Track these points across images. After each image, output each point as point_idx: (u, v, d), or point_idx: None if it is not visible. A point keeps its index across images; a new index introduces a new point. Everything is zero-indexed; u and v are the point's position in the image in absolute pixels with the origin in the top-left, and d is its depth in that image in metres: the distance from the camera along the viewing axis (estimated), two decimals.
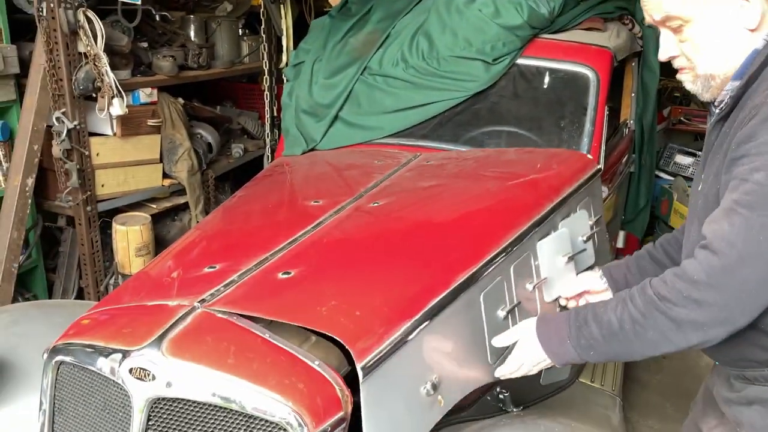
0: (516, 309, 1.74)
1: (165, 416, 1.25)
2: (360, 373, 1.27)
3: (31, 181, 2.57)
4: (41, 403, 1.41)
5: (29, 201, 2.60)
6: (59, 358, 1.37)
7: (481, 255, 1.68)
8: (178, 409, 1.24)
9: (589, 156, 2.42)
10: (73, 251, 2.94)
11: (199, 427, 1.24)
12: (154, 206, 3.20)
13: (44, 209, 2.88)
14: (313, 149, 2.77)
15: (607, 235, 2.40)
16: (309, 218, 1.86)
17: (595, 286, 1.76)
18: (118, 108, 2.64)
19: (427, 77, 2.68)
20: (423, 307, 1.46)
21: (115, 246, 2.93)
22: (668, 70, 1.58)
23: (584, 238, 2.04)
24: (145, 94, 2.98)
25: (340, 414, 1.25)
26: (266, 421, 1.21)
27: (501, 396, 1.92)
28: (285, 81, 3.04)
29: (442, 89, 2.67)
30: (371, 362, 1.30)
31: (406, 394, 1.37)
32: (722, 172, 1.24)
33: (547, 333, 1.44)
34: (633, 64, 3.30)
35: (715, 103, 1.33)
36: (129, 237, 2.90)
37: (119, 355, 1.27)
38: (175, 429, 1.25)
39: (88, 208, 2.76)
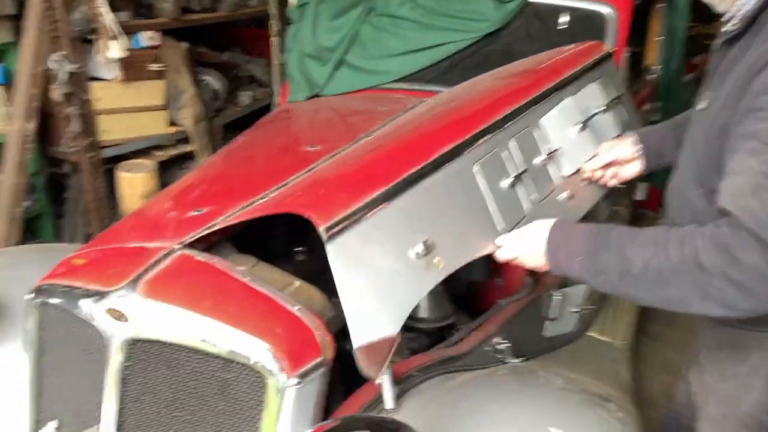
0: (525, 179, 1.68)
1: (142, 358, 1.23)
2: (323, 236, 1.23)
3: (31, 126, 2.54)
4: (25, 345, 1.41)
5: (30, 146, 2.58)
6: (41, 299, 1.36)
7: (468, 131, 1.63)
8: (154, 351, 1.22)
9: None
10: (79, 197, 2.94)
11: (177, 370, 1.22)
12: (160, 154, 3.17)
13: (49, 155, 2.87)
14: (317, 95, 2.68)
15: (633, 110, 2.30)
16: (303, 163, 1.80)
17: (624, 153, 1.64)
18: (115, 51, 2.58)
19: (436, 17, 2.55)
20: (398, 177, 1.41)
21: (120, 193, 2.93)
22: (699, 14, 1.46)
23: (600, 110, 1.94)
24: (147, 38, 2.90)
25: (319, 359, 1.22)
26: (242, 364, 1.18)
27: (500, 347, 1.87)
28: (290, 23, 2.93)
29: (452, 30, 2.55)
30: (336, 225, 1.25)
31: (390, 257, 1.31)
32: (730, 106, 1.13)
33: (559, 241, 1.32)
34: (659, 5, 3.11)
35: (724, 18, 1.20)
36: (134, 184, 2.88)
37: (97, 297, 1.24)
38: (152, 371, 1.23)
39: (91, 154, 2.74)
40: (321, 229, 1.22)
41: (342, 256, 1.23)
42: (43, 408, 1.38)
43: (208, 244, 1.41)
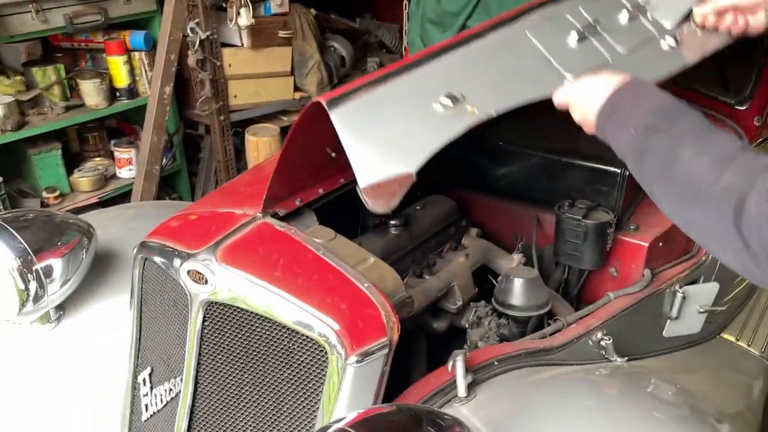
0: (602, 33, 1.48)
1: (218, 319, 1.28)
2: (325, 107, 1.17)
3: (168, 89, 2.75)
4: (131, 294, 1.53)
5: (167, 108, 2.79)
6: (143, 254, 1.46)
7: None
8: (228, 314, 1.26)
9: None
10: (211, 157, 3.15)
11: (248, 334, 1.25)
12: (286, 119, 3.29)
13: (186, 117, 3.09)
14: None
15: None
16: None
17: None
18: (245, 18, 2.68)
19: None
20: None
21: (247, 155, 3.09)
22: None
23: None
24: (276, 5, 2.99)
25: (383, 339, 1.19)
26: (305, 336, 1.19)
27: (603, 342, 1.72)
28: None
29: None
30: (341, 98, 1.19)
31: (410, 111, 1.24)
32: None
33: (620, 102, 1.12)
34: None
35: None
36: (259, 147, 3.02)
37: (183, 257, 1.31)
38: (226, 332, 1.27)
39: (221, 118, 2.90)
40: (324, 102, 1.16)
41: (348, 119, 1.17)
42: (141, 355, 1.50)
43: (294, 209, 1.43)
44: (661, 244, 1.94)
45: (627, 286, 1.92)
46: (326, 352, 1.17)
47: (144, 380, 1.47)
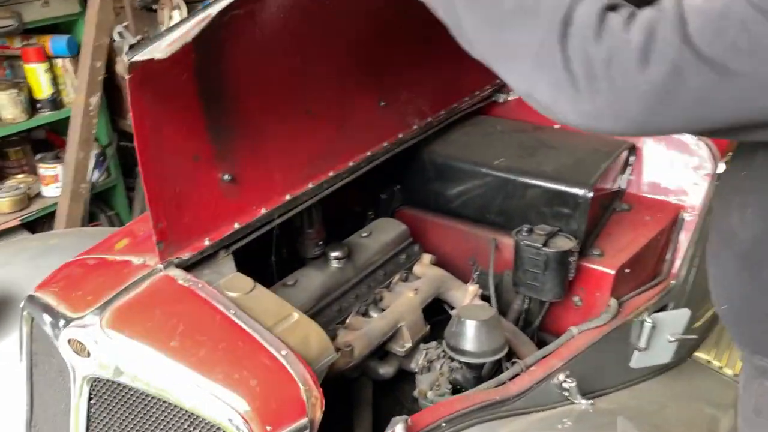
0: None
1: (106, 397, 1.07)
2: None
3: (95, 100, 2.50)
4: (20, 352, 1.31)
5: (95, 121, 2.54)
6: (28, 311, 1.24)
7: None
8: (118, 392, 1.05)
9: None
10: None
11: (141, 417, 1.04)
12: None
13: (120, 128, 2.84)
14: None
15: None
16: None
17: None
18: (178, 20, 2.44)
19: None
20: None
21: None
22: None
23: None
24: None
25: (302, 421, 0.99)
26: (206, 421, 0.98)
27: (565, 384, 1.55)
28: None
29: None
30: None
31: None
32: None
33: None
34: None
35: None
36: None
37: (63, 322, 1.10)
38: (116, 414, 1.06)
39: None
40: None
41: None
42: (33, 418, 1.28)
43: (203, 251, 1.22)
44: (627, 270, 1.79)
45: (592, 317, 1.77)
46: None
47: None
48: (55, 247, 1.82)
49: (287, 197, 1.36)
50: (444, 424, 1.27)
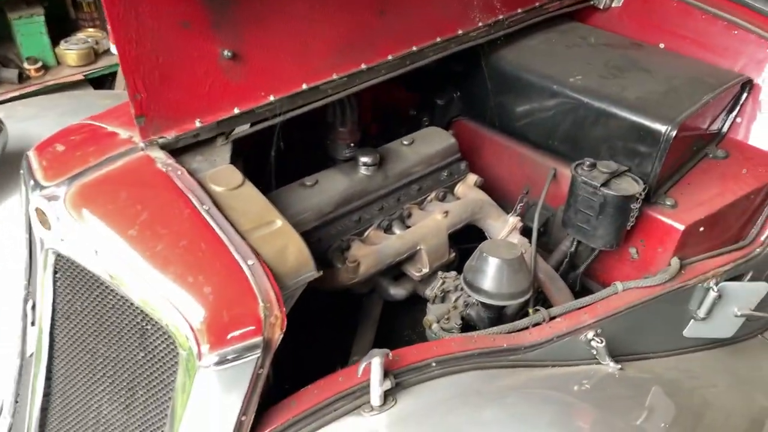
0: None
1: (69, 275, 1.01)
2: None
3: None
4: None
5: None
6: (22, 170, 1.19)
7: None
8: (78, 273, 0.99)
9: None
10: None
11: (99, 302, 0.98)
12: None
13: None
14: None
15: None
16: None
17: None
18: None
19: None
20: None
21: None
22: None
23: None
24: None
25: (255, 339, 0.89)
26: (153, 320, 0.91)
27: (594, 343, 1.38)
28: None
29: None
30: None
31: None
32: None
33: None
34: None
35: None
36: None
37: (33, 187, 1.03)
38: (78, 293, 1.01)
39: None
40: None
41: None
42: (31, 282, 1.27)
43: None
44: (702, 228, 1.52)
45: (648, 273, 1.55)
46: (176, 346, 0.89)
47: (28, 312, 1.26)
48: (88, 107, 1.77)
49: (304, 86, 1.19)
50: (434, 364, 1.14)
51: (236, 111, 1.11)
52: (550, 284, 1.54)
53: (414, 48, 1.37)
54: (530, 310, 1.39)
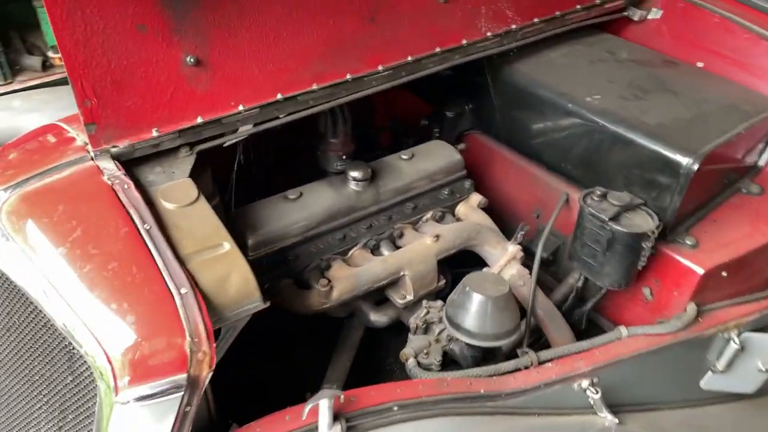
0: None
1: (2, 290, 0.96)
2: None
3: None
4: None
5: None
6: None
7: None
8: (10, 288, 0.94)
9: None
10: None
11: (31, 317, 0.92)
12: None
13: None
14: None
15: None
16: None
17: None
18: None
19: None
20: None
21: None
22: None
23: None
24: None
25: (178, 377, 0.81)
26: (72, 346, 0.84)
27: (588, 392, 1.25)
28: None
29: None
30: None
31: None
32: None
33: None
34: None
35: None
36: None
37: None
38: (9, 304, 0.95)
39: None
40: None
41: None
42: None
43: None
44: (724, 273, 1.36)
45: (661, 317, 1.40)
46: (95, 377, 0.82)
47: None
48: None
49: (279, 96, 1.11)
50: (396, 408, 1.04)
51: (200, 120, 1.04)
52: (549, 322, 1.42)
53: (410, 58, 1.27)
54: (519, 351, 1.27)
